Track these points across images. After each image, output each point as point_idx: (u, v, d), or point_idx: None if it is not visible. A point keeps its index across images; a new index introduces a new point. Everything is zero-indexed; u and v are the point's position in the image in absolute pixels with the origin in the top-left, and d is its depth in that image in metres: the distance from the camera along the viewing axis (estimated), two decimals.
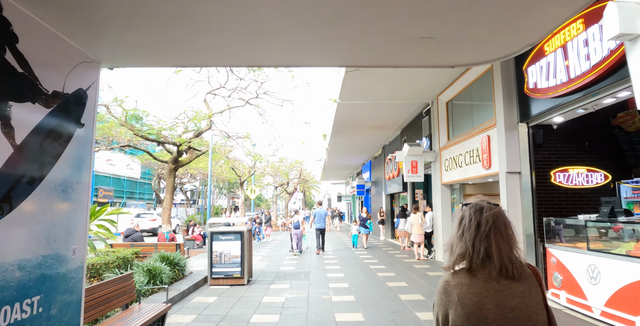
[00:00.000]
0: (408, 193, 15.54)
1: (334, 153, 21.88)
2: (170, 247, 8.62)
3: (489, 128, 8.03)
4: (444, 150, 10.84)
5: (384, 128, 15.53)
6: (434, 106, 11.51)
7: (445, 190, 11.01)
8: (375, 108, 12.61)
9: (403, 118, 13.81)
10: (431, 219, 11.63)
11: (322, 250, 13.57)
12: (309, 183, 54.91)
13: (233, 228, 8.01)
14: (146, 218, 24.29)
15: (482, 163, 8.22)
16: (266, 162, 23.65)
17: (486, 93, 8.59)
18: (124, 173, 32.38)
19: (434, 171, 11.61)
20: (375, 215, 21.96)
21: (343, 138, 17.67)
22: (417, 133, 13.31)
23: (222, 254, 7.76)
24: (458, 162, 9.69)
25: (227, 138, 16.91)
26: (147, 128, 12.41)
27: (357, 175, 30.96)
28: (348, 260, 11.51)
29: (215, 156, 21.81)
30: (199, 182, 36.66)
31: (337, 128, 15.62)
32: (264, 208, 73.66)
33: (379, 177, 21.40)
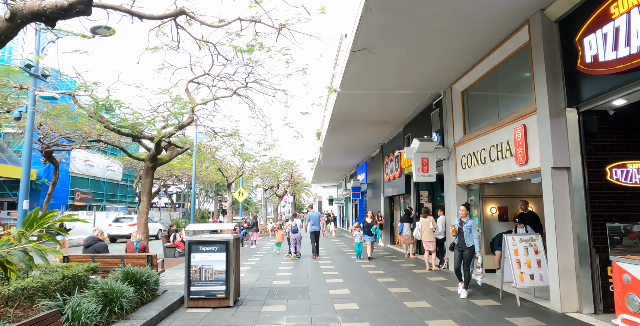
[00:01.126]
0: (412, 196, 14.23)
1: (328, 152, 20.50)
2: (140, 260, 7.10)
3: (525, 116, 6.73)
4: (459, 146, 9.53)
5: (385, 124, 14.20)
6: (447, 97, 10.21)
7: (461, 191, 9.69)
8: (378, 100, 11.27)
9: (408, 112, 12.50)
10: (443, 224, 10.30)
11: (317, 254, 13.47)
12: (299, 187, 53.51)
13: (216, 236, 6.54)
14: (125, 222, 22.58)
15: (516, 158, 6.91)
16: (255, 162, 22.14)
17: (518, 76, 7.30)
18: (103, 175, 30.52)
19: (446, 170, 10.29)
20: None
21: (339, 136, 16.30)
22: (424, 129, 11.99)
23: (202, 269, 6.28)
24: (480, 158, 8.38)
25: (212, 136, 15.40)
26: (119, 120, 10.87)
27: (351, 177, 29.62)
28: (350, 272, 10.09)
29: (200, 155, 20.24)
30: (184, 184, 34.92)
31: (334, 125, 14.24)
32: (252, 212, 71.84)
33: (376, 178, 20.08)
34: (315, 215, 13.85)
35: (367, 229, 12.40)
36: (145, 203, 12.14)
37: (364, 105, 11.81)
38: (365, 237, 12.38)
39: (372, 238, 12.36)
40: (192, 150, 15.92)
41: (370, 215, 12.56)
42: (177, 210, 37.89)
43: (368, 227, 12.39)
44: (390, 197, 18.02)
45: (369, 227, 12.38)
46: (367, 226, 12.40)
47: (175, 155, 12.55)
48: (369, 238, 12.35)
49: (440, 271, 9.85)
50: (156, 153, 11.94)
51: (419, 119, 12.71)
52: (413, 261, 11.90)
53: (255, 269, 10.65)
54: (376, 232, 12.52)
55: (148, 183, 12.13)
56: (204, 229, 7.16)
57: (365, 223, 12.51)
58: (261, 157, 23.73)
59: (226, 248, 6.31)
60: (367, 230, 12.40)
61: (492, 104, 8.34)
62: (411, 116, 13.01)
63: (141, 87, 11.30)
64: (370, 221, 12.37)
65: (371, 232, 12.31)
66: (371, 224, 12.34)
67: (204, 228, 7.37)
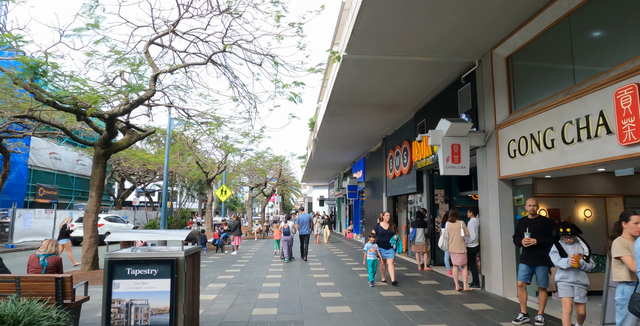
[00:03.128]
0: (424, 195, 11.90)
1: (323, 146, 18.08)
2: (47, 285, 4.59)
3: (631, 74, 4.43)
4: (504, 128, 7.21)
5: (394, 108, 11.84)
6: (484, 66, 7.90)
7: (505, 188, 7.36)
8: (392, 72, 8.91)
9: (426, 90, 10.14)
10: (477, 229, 7.97)
11: (305, 256, 12.83)
12: (288, 186, 51.04)
13: (156, 252, 4.07)
14: None
15: (620, 135, 4.59)
16: (240, 155, 19.61)
17: (609, 21, 4.99)
18: (72, 170, 27.65)
19: (481, 160, 7.97)
20: (368, 221, 18.27)
21: (337, 124, 13.90)
22: (446, 113, 9.66)
23: (132, 306, 3.82)
24: (542, 142, 6.06)
25: (187, 121, 12.87)
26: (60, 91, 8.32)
27: (345, 176, 27.26)
28: (356, 293, 7.66)
29: (176, 147, 17.66)
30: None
31: (332, 108, 11.83)
32: (240, 212, 68.99)
33: (376, 176, 17.74)
34: (305, 217, 13.39)
35: (384, 239, 8.39)
36: (94, 200, 9.59)
37: (373, 80, 9.43)
38: (381, 251, 8.41)
39: (390, 254, 8.38)
40: (158, 135, 13.38)
41: (387, 219, 8.52)
42: (157, 209, 35.06)
43: (385, 237, 8.38)
44: (394, 197, 15.69)
45: (386, 237, 8.38)
46: (384, 235, 8.39)
47: (135, 140, 10.02)
48: (387, 253, 8.39)
49: (475, 292, 7.51)
50: (109, 137, 9.40)
51: (438, 101, 10.37)
52: (430, 275, 9.55)
53: (231, 287, 8.18)
54: (397, 244, 8.37)
55: (98, 175, 9.58)
56: (140, 238, 4.60)
57: (380, 230, 8.45)
58: (247, 151, 21.24)
59: (172, 271, 3.86)
60: (383, 240, 8.40)
61: (563, 66, 6.02)
62: (428, 97, 10.66)
63: (93, 53, 8.77)
64: (387, 227, 8.43)
65: (389, 244, 8.38)
66: (389, 232, 8.37)
67: (138, 236, 4.84)
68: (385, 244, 8.40)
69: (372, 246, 8.35)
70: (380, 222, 8.57)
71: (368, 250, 8.30)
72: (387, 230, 8.43)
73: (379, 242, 8.40)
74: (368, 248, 8.32)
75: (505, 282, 7.10)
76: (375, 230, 8.52)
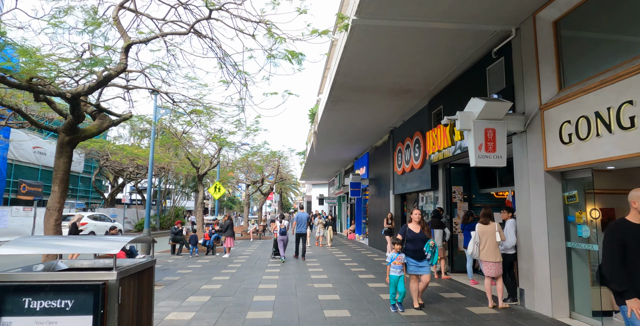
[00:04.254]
0: (440, 192, 10.51)
1: (324, 140, 16.68)
2: None
3: None
4: (553, 108, 5.82)
5: (407, 94, 10.44)
6: (524, 34, 6.50)
7: (553, 182, 5.97)
8: (409, 46, 7.51)
9: (447, 70, 8.72)
10: (514, 233, 6.57)
11: (303, 256, 12.65)
12: (286, 185, 49.64)
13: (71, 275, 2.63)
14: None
15: None
16: (234, 149, 18.17)
17: None
18: None
19: (520, 149, 6.57)
20: (372, 221, 16.87)
21: (341, 114, 12.50)
22: (470, 96, 8.26)
23: None
24: (619, 121, 4.66)
25: (172, 108, 11.45)
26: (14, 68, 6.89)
27: (346, 173, 25.88)
28: (369, 314, 6.27)
29: (166, 140, 16.22)
30: (158, 178, 30.70)
31: (336, 93, 10.43)
32: (236, 211, 67.41)
33: (381, 172, 16.35)
34: (302, 216, 13.16)
35: (416, 247, 6.04)
36: (57, 196, 8.15)
37: (385, 57, 8.02)
38: (409, 262, 6.03)
39: (423, 268, 6.01)
40: (148, 127, 11.96)
41: (417, 219, 6.24)
42: (153, 207, 33.59)
43: (417, 243, 6.03)
44: (402, 195, 14.29)
45: (418, 243, 6.03)
46: (415, 240, 6.05)
47: (107, 125, 8.58)
48: (421, 266, 6.02)
49: (514, 310, 6.11)
50: (75, 121, 7.96)
51: (460, 83, 8.97)
52: (450, 285, 8.16)
53: (216, 301, 6.77)
54: (433, 253, 6.00)
55: (62, 166, 8.15)
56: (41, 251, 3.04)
57: (409, 234, 6.12)
58: (242, 145, 19.82)
59: (96, 302, 2.43)
60: (414, 248, 6.04)
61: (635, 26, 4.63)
62: (448, 79, 9.24)
63: (60, 24, 7.34)
64: (418, 230, 6.17)
65: (423, 253, 6.00)
66: (422, 237, 6.08)
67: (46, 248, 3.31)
68: (417, 253, 6.00)
69: (398, 257, 5.98)
70: (409, 224, 6.32)
71: (392, 262, 6.02)
72: (419, 234, 6.09)
73: (407, 251, 6.06)
74: (392, 260, 6.02)
75: (555, 300, 5.71)
76: (402, 234, 6.23)
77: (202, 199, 16.33)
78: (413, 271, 6.09)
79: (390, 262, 6.09)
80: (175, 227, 14.16)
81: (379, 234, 15.73)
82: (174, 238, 13.99)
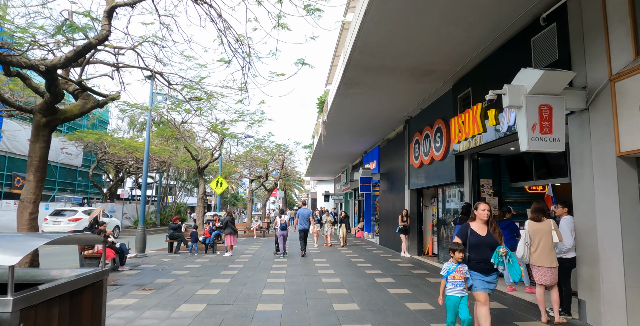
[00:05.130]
0: (466, 186, 9.39)
1: (333, 130, 15.55)
2: None
3: None
4: (628, 79, 4.69)
5: (429, 75, 9.30)
6: None
7: (627, 170, 4.84)
8: (439, 16, 6.39)
9: (481, 43, 7.58)
10: (572, 231, 5.44)
11: (302, 251, 12.39)
12: (290, 181, 48.62)
13: None
14: (67, 216, 17.49)
15: None
16: (236, 140, 17.10)
17: None
18: (56, 159, 25.24)
19: (579, 131, 5.44)
20: (384, 218, 15.76)
21: (354, 100, 11.38)
22: (508, 74, 7.12)
23: None
24: None
25: (168, 92, 10.38)
26: None
27: (354, 168, 24.77)
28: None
29: (160, 131, 15.17)
30: (158, 173, 29.70)
31: (350, 74, 9.31)
32: (240, 208, 66.39)
33: (394, 166, 15.24)
34: (305, 212, 12.97)
35: (482, 255, 4.21)
36: (33, 186, 7.14)
37: (410, 29, 6.89)
38: (473, 277, 4.25)
39: (494, 284, 4.27)
40: (129, 109, 10.90)
41: (485, 217, 4.33)
42: (149, 203, 32.64)
43: (484, 250, 4.22)
44: (419, 190, 13.19)
45: (485, 250, 4.21)
46: (481, 247, 4.23)
47: (91, 106, 7.53)
48: (489, 280, 4.22)
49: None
50: (53, 100, 6.91)
51: (495, 60, 7.83)
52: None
53: (211, 312, 5.70)
54: (510, 264, 4.12)
55: (38, 152, 7.12)
56: None
57: (473, 238, 4.30)
58: (246, 138, 18.76)
59: None
60: (479, 257, 4.22)
61: None
62: (481, 56, 8.09)
63: None
64: (485, 232, 4.32)
65: (491, 266, 4.18)
66: (490, 241, 4.23)
67: None
68: (484, 265, 4.18)
69: (458, 269, 4.23)
70: (472, 223, 4.38)
71: (449, 276, 4.26)
72: (486, 238, 4.23)
73: (471, 261, 4.24)
74: (449, 272, 4.26)
75: (632, 317, 4.60)
76: (462, 237, 4.35)
77: (202, 194, 15.29)
78: (480, 289, 4.16)
79: (446, 275, 4.27)
80: (174, 223, 13.13)
81: (392, 232, 14.65)
82: (172, 235, 12.98)
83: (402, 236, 12.65)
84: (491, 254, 4.18)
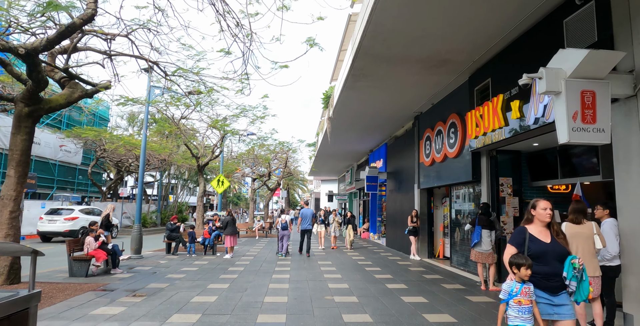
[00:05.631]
0: (483, 185, 8.74)
1: (339, 126, 14.91)
2: None
3: None
4: None
5: (444, 65, 8.64)
6: None
7: None
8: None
9: (505, 28, 6.93)
10: (617, 236, 4.78)
11: (307, 253, 12.30)
12: (293, 181, 48.03)
13: None
14: (63, 215, 16.92)
15: None
16: (238, 137, 16.49)
17: None
18: (54, 157, 24.74)
19: (624, 122, 4.78)
20: (391, 219, 15.11)
21: (362, 93, 10.75)
22: (536, 61, 6.47)
23: None
24: None
25: (165, 84, 9.77)
26: None
27: (359, 167, 24.13)
28: None
29: (158, 128, 14.59)
30: (159, 171, 29.14)
31: (359, 64, 8.67)
32: (242, 208, 65.79)
33: (403, 165, 14.60)
34: (308, 212, 12.77)
35: (550, 269, 3.17)
36: (13, 182, 6.53)
37: (427, 12, 6.25)
38: (542, 298, 3.16)
39: (564, 308, 3.15)
40: (127, 103, 10.31)
41: (548, 218, 3.31)
42: (150, 202, 32.12)
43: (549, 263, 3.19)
44: (429, 189, 12.53)
45: (551, 263, 3.18)
46: (546, 257, 3.20)
47: (79, 96, 6.93)
48: (553, 304, 3.15)
49: None
50: (36, 88, 6.31)
51: (519, 46, 7.17)
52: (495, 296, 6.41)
53: (208, 322, 5.08)
54: (579, 281, 3.11)
55: (20, 145, 6.52)
56: None
57: (533, 245, 3.26)
58: (248, 135, 18.15)
59: None
60: (543, 272, 3.18)
61: None
62: (503, 42, 7.42)
63: None
64: (549, 239, 3.29)
65: (561, 283, 3.15)
66: (558, 250, 3.22)
67: None
68: (551, 281, 3.17)
69: (524, 290, 3.13)
70: (528, 226, 3.40)
71: (511, 300, 3.17)
72: (552, 245, 3.25)
73: (538, 279, 3.18)
74: (513, 295, 3.15)
75: None
76: (519, 244, 3.33)
77: (202, 192, 14.69)
78: (545, 315, 3.16)
79: (508, 299, 3.17)
80: (172, 223, 12.54)
81: (400, 234, 14.01)
82: (170, 235, 12.38)
83: (412, 238, 12.00)
84: (560, 267, 3.16)
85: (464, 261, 9.64)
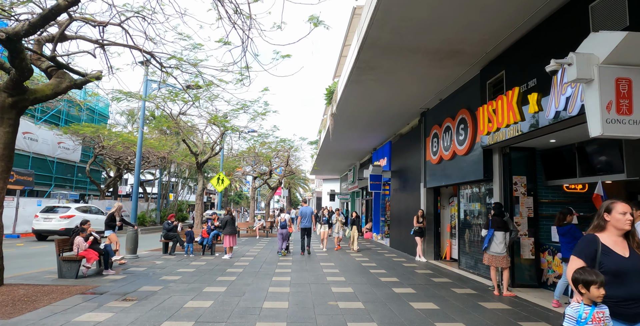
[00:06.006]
0: (496, 183, 8.28)
1: (342, 123, 14.46)
2: None
3: None
4: None
5: (455, 56, 8.18)
6: None
7: None
8: None
9: (525, 12, 6.47)
10: None
11: (307, 250, 12.42)
12: (295, 180, 47.62)
13: None
14: (59, 213, 16.53)
15: None
16: (238, 134, 16.06)
17: None
18: (52, 154, 24.36)
19: None
20: (396, 219, 14.65)
21: (367, 88, 10.30)
22: (557, 49, 6.01)
23: None
24: None
25: (162, 76, 9.34)
26: None
27: (362, 166, 23.67)
28: None
29: (156, 124, 14.17)
30: (158, 169, 28.75)
31: (365, 56, 8.22)
32: (243, 207, 65.43)
33: (408, 163, 14.15)
34: (307, 211, 12.83)
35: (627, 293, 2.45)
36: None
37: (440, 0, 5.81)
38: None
39: None
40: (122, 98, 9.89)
41: (628, 225, 2.57)
42: (150, 201, 31.73)
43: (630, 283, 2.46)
44: (436, 189, 12.08)
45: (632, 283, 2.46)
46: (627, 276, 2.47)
47: (67, 86, 6.50)
48: None
49: None
50: (19, 77, 5.88)
51: (538, 36, 6.71)
52: (521, 306, 5.95)
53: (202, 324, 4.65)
54: None
55: (3, 138, 6.10)
56: None
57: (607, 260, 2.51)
58: (249, 132, 17.72)
59: None
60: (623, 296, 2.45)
61: None
62: (521, 30, 6.96)
63: None
64: (628, 254, 2.54)
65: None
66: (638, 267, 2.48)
67: None
68: (631, 308, 2.43)
69: (596, 315, 2.37)
70: (600, 234, 2.64)
71: None
72: (632, 260, 2.52)
73: (611, 305, 2.43)
74: (580, 323, 2.37)
75: None
76: (589, 258, 2.56)
77: (201, 190, 14.27)
78: None
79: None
80: (169, 222, 12.12)
81: (404, 234, 13.57)
82: (167, 235, 11.97)
83: (418, 239, 11.56)
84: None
85: (473, 264, 9.19)
